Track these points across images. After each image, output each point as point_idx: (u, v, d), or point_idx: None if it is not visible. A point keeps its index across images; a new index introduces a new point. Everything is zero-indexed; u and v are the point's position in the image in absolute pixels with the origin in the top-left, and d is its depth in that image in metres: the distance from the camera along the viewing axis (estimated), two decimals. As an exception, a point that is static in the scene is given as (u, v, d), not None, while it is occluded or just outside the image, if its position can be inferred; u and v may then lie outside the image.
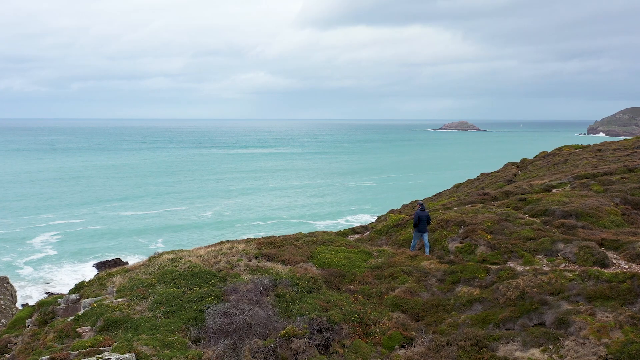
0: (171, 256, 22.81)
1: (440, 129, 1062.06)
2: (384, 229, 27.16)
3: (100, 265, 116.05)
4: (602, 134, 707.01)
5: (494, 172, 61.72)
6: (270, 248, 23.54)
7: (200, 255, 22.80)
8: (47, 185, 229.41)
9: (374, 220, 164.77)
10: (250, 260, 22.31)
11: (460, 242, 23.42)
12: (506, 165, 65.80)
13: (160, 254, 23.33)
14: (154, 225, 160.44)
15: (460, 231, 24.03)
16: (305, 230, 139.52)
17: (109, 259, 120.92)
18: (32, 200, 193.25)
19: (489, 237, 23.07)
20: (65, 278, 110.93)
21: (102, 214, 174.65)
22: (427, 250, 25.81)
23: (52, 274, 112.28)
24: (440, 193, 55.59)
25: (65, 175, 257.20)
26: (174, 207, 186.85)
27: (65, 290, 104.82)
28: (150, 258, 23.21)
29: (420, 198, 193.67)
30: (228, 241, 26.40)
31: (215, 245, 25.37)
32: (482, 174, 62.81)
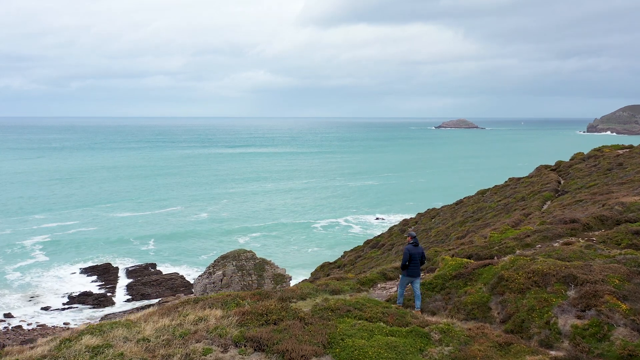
0: (94, 341, 13.42)
1: (439, 127, 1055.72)
2: (438, 281, 17.58)
3: (88, 271, 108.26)
4: (609, 132, 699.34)
5: (527, 177, 51.96)
6: (261, 323, 14.04)
7: (144, 339, 13.47)
8: (42, 185, 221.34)
9: (374, 220, 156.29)
10: (225, 351, 13.10)
11: (579, 317, 13.81)
12: (539, 170, 56.10)
13: (80, 335, 13.94)
14: (148, 227, 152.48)
15: (571, 294, 14.50)
16: (304, 231, 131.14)
17: (99, 264, 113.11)
18: (25, 201, 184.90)
19: (624, 306, 13.71)
20: (51, 285, 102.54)
21: (96, 216, 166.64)
22: (418, 303, 17.78)
23: (38, 281, 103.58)
24: (462, 201, 46.19)
25: (61, 176, 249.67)
26: (170, 207, 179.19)
27: (48, 299, 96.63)
28: (61, 341, 13.84)
29: (429, 200, 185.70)
30: (198, 301, 16.96)
31: (174, 311, 15.91)
32: (511, 179, 52.99)
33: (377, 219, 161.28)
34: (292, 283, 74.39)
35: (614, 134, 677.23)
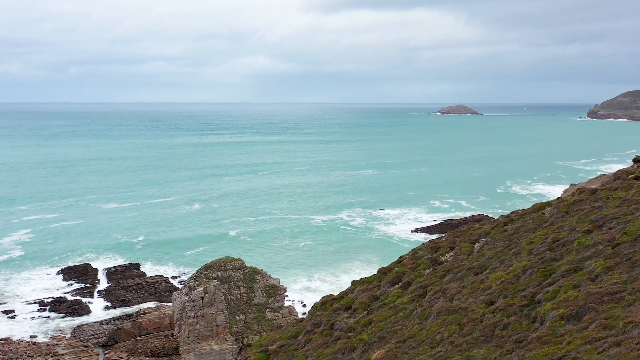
0: None
1: (438, 112, 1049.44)
2: None
3: (65, 273, 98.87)
4: (611, 119, 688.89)
5: (607, 189, 37.02)
6: None
7: None
8: (32, 175, 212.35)
9: (374, 213, 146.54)
10: None
11: None
12: (621, 177, 41.89)
13: None
14: (136, 219, 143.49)
15: None
16: (302, 225, 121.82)
17: (78, 264, 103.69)
18: (13, 192, 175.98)
19: None
20: (21, 289, 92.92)
21: (83, 207, 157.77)
22: None
23: (6, 284, 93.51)
24: (512, 219, 33.59)
25: (53, 165, 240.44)
26: (161, 198, 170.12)
27: (16, 306, 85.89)
28: None
29: (432, 192, 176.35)
30: None
31: None
32: (581, 190, 37.94)
33: (380, 210, 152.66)
34: (287, 300, 64.63)
35: (624, 119, 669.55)
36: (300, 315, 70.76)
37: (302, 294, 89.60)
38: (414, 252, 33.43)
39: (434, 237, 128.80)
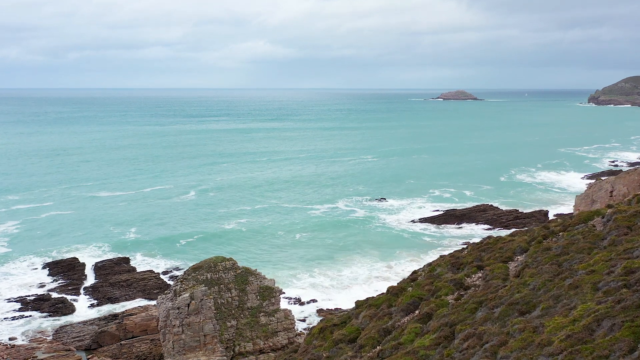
0: None
1: (437, 98, 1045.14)
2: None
3: (51, 268, 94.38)
4: (611, 105, 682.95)
5: None
6: None
7: None
8: (25, 162, 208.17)
9: (374, 204, 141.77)
10: None
11: None
12: None
13: None
14: (129, 209, 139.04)
15: None
16: (300, 216, 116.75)
17: (64, 259, 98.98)
18: (3, 181, 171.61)
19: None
20: (0, 285, 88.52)
21: (74, 196, 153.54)
22: None
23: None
24: (551, 230, 25.91)
25: (47, 153, 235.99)
26: (156, 187, 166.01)
27: None
28: None
29: (433, 181, 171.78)
30: None
31: None
32: (635, 194, 30.85)
33: (380, 200, 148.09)
34: (284, 298, 59.82)
35: (627, 105, 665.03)
36: (297, 318, 66.13)
37: (303, 290, 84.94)
38: (431, 269, 27.21)
39: (433, 227, 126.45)
